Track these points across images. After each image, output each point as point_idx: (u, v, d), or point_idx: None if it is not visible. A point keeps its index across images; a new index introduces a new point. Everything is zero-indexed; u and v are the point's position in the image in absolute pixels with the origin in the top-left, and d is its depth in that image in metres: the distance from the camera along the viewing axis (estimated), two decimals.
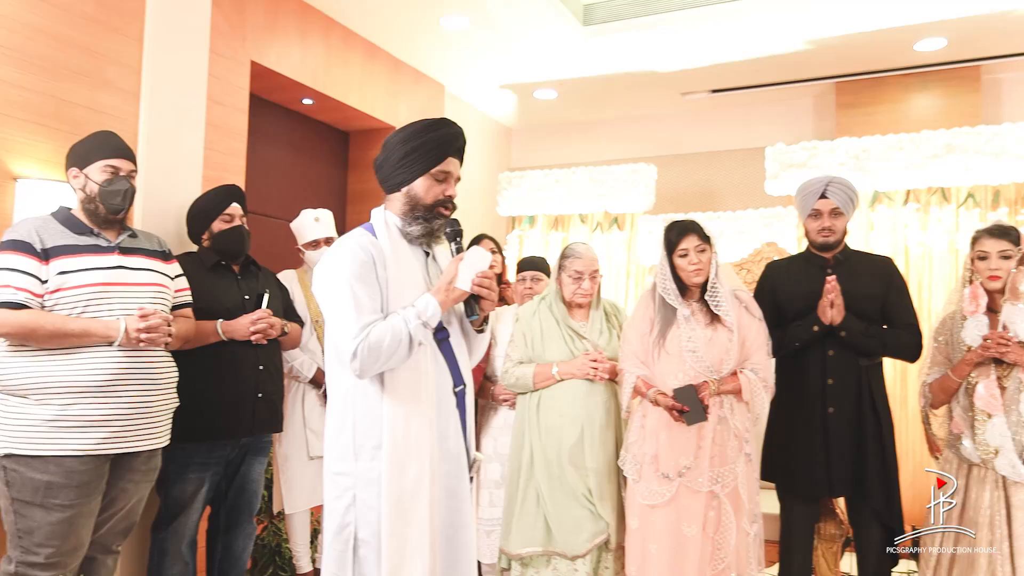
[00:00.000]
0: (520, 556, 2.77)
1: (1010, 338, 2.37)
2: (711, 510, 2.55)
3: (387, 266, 1.78)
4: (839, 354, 2.70)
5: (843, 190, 2.74)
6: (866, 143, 4.17)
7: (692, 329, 2.62)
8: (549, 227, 5.03)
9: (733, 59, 4.71)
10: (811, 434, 2.71)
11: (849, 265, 2.78)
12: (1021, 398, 2.36)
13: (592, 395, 2.77)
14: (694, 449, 2.56)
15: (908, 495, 3.74)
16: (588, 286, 2.87)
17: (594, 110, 5.69)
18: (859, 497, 2.70)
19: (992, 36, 4.31)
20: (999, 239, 2.45)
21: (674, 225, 2.70)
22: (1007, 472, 2.33)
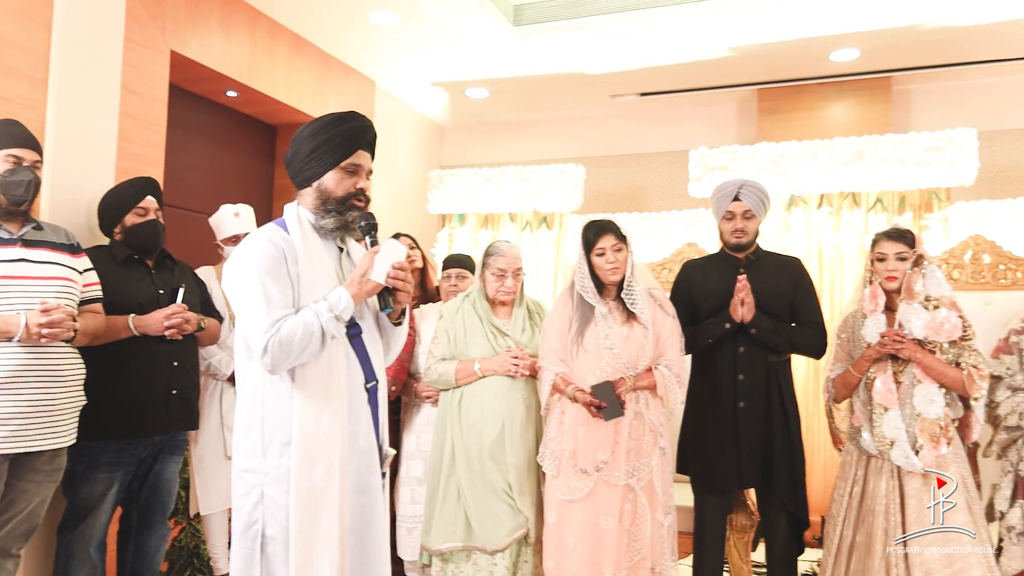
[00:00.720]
0: (440, 551, 2.79)
1: (905, 335, 2.49)
2: (627, 503, 2.60)
3: (298, 261, 1.77)
4: (749, 351, 2.79)
5: (755, 193, 2.84)
6: (783, 148, 4.32)
7: (609, 327, 2.67)
8: (479, 226, 5.05)
9: (661, 63, 4.82)
10: (722, 428, 2.80)
11: (760, 265, 2.88)
12: (915, 392, 2.49)
13: (513, 392, 2.80)
14: (611, 444, 2.61)
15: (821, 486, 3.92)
16: (511, 284, 2.90)
17: (526, 110, 5.74)
18: (767, 488, 2.81)
19: (902, 49, 4.52)
20: (896, 242, 2.57)
21: (591, 224, 2.75)
22: (901, 462, 2.46)
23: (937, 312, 2.50)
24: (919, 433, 2.45)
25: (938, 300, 2.52)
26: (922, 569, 2.40)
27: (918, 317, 2.51)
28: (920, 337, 2.50)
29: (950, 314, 2.49)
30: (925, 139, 4.07)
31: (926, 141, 4.05)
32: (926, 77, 4.92)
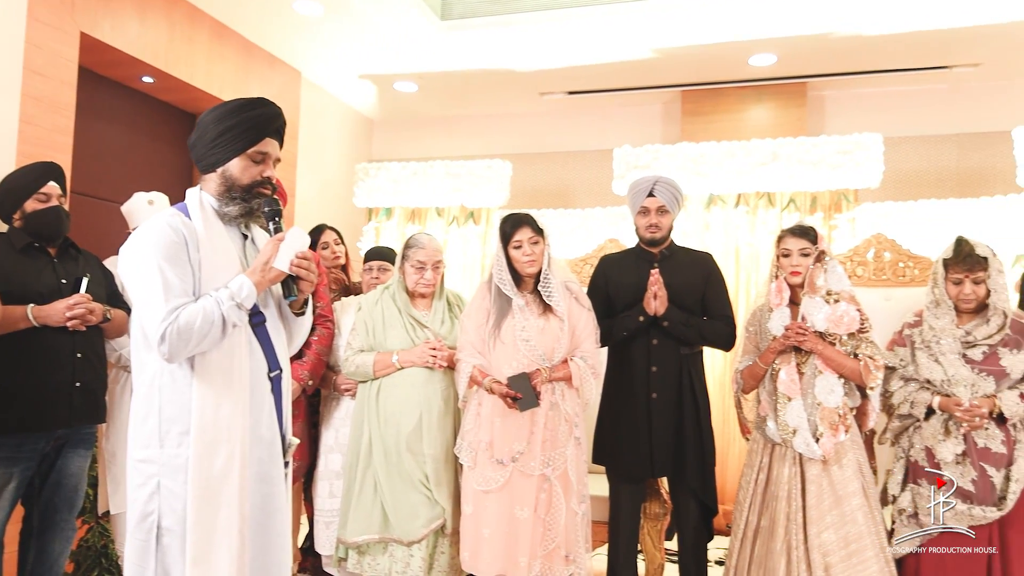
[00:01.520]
0: (357, 544, 2.78)
1: (807, 328, 2.60)
2: (542, 492, 2.64)
3: (200, 247, 1.74)
4: (662, 343, 2.87)
5: (669, 189, 2.91)
6: (703, 149, 4.44)
7: (526, 319, 2.71)
8: (406, 220, 5.03)
9: (589, 62, 4.89)
10: (636, 419, 2.87)
11: (674, 260, 2.96)
12: (816, 382, 2.60)
13: (431, 383, 2.81)
14: (527, 435, 2.65)
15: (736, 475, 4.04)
16: (431, 276, 2.90)
17: (455, 105, 5.74)
18: (679, 476, 2.89)
19: (816, 55, 4.70)
20: (800, 238, 2.68)
21: (509, 218, 2.78)
22: (803, 450, 2.56)
23: (837, 306, 2.61)
24: (819, 421, 2.56)
25: (838, 294, 2.64)
26: (820, 551, 2.51)
27: (820, 310, 2.61)
28: (821, 330, 2.60)
29: (849, 307, 2.61)
30: (835, 143, 4.24)
31: (836, 145, 4.23)
32: (838, 84, 5.14)
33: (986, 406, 2.47)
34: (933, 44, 4.49)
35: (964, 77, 4.90)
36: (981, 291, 2.57)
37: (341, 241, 3.65)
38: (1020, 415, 2.47)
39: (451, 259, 4.92)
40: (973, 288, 2.57)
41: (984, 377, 2.51)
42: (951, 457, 2.50)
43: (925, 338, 2.63)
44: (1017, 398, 2.47)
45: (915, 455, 2.60)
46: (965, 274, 2.57)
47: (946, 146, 5.04)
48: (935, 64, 4.75)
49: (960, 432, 2.50)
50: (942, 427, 2.54)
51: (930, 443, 2.55)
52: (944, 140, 5.04)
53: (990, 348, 2.54)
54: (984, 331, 2.55)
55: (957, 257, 2.60)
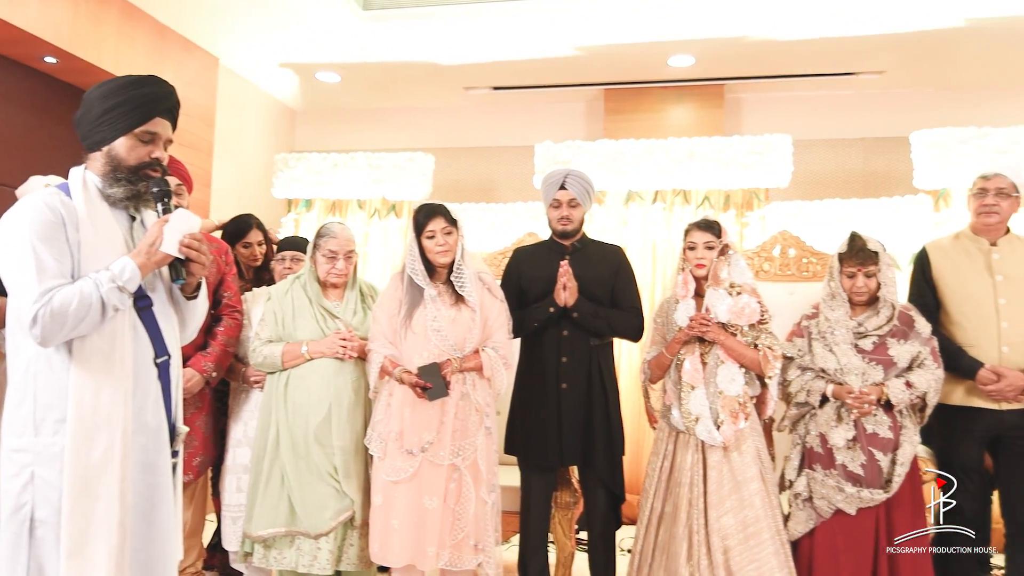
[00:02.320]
0: (262, 538, 2.72)
1: (710, 319, 2.68)
2: (452, 482, 2.64)
3: (79, 228, 1.66)
4: (572, 334, 2.90)
5: (580, 182, 2.95)
6: (623, 146, 4.52)
7: (438, 309, 2.70)
8: (326, 212, 4.96)
9: (513, 58, 4.91)
10: (546, 408, 2.90)
11: (585, 252, 3.00)
12: (718, 372, 2.68)
13: (341, 374, 2.78)
14: (436, 425, 2.64)
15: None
16: (343, 266, 2.87)
17: (379, 98, 5.68)
18: (588, 465, 2.93)
19: (733, 58, 4.84)
20: (705, 231, 2.75)
21: (422, 208, 2.77)
22: (704, 437, 2.64)
23: (739, 298, 2.70)
24: (721, 409, 2.64)
25: (741, 287, 2.72)
26: (720, 535, 2.58)
27: (723, 302, 2.69)
28: (724, 321, 2.68)
29: (750, 300, 2.70)
30: (747, 143, 4.38)
31: (748, 145, 4.36)
32: (754, 87, 5.30)
33: (875, 393, 2.59)
34: (840, 51, 4.67)
35: (869, 84, 5.13)
36: (873, 284, 2.69)
37: (266, 242, 3.56)
38: (906, 402, 2.59)
39: (372, 252, 4.88)
40: (865, 281, 2.68)
41: (874, 366, 2.63)
42: (842, 442, 2.61)
43: (821, 329, 2.74)
44: (903, 386, 2.59)
45: (810, 441, 2.71)
46: (858, 268, 2.69)
47: (853, 149, 5.26)
48: (842, 71, 4.95)
49: (851, 418, 2.61)
50: (835, 414, 2.65)
51: (824, 429, 2.66)
52: (851, 143, 5.26)
53: (880, 338, 2.66)
54: (874, 322, 2.67)
55: (851, 251, 2.71)
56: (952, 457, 2.83)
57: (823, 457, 2.65)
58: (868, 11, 4.15)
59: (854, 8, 4.12)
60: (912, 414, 2.64)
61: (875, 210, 4.23)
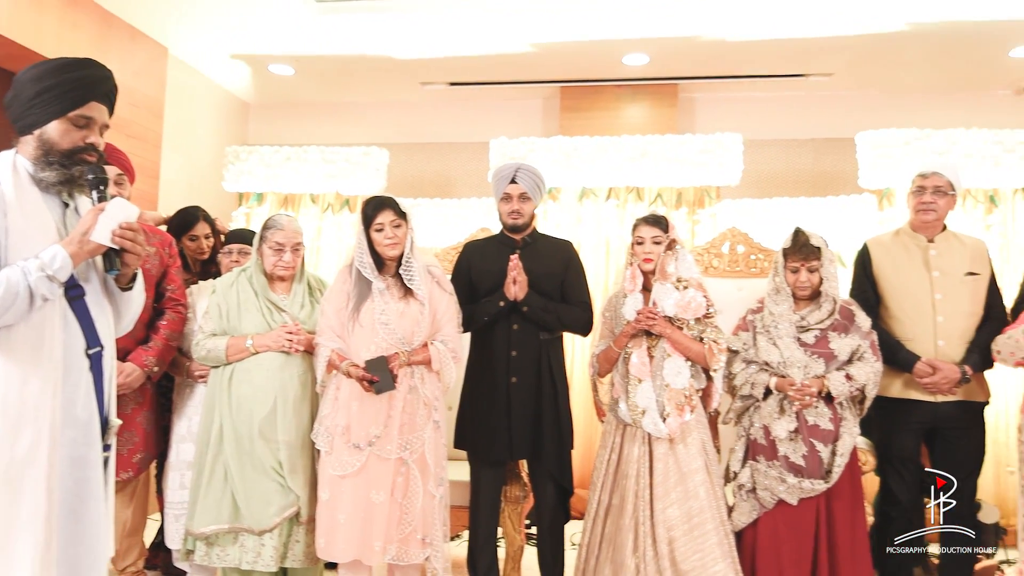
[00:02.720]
0: (205, 535, 2.67)
1: (657, 313, 2.70)
2: (399, 476, 2.63)
3: (7, 213, 1.61)
4: (522, 328, 2.91)
5: (531, 176, 2.96)
6: (577, 143, 4.54)
7: (386, 302, 2.69)
8: (278, 206, 4.89)
9: (470, 53, 4.89)
10: (496, 402, 2.90)
11: (535, 247, 3.01)
12: (664, 365, 2.71)
13: (288, 368, 2.74)
14: (384, 418, 2.63)
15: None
16: (289, 258, 2.83)
17: (334, 92, 5.62)
18: (537, 459, 2.94)
19: (686, 58, 4.89)
20: (652, 227, 2.78)
21: (371, 200, 2.76)
22: (651, 429, 2.66)
23: (686, 292, 2.73)
24: (667, 402, 2.67)
25: (687, 281, 2.76)
26: (665, 526, 2.61)
27: (669, 296, 2.73)
28: (671, 314, 2.71)
29: (696, 294, 2.73)
30: (699, 141, 4.43)
31: (700, 143, 4.42)
32: (707, 87, 5.37)
33: (816, 386, 2.64)
34: (791, 53, 4.76)
35: (818, 86, 5.23)
36: (815, 279, 2.74)
37: (214, 235, 3.50)
38: (845, 394, 2.65)
39: (325, 247, 4.83)
40: (808, 276, 2.74)
41: (815, 359, 2.68)
42: (785, 434, 2.66)
43: (765, 323, 2.78)
44: (843, 379, 2.65)
45: (754, 433, 2.75)
46: (801, 263, 2.74)
47: (803, 149, 5.37)
48: (793, 72, 5.04)
49: (793, 410, 2.66)
50: (777, 406, 2.69)
51: (767, 421, 2.71)
52: (801, 144, 5.37)
53: (821, 332, 2.72)
54: (816, 316, 2.73)
55: (794, 247, 2.77)
56: (890, 448, 2.90)
57: (766, 449, 2.70)
58: (817, 13, 4.23)
59: (804, 10, 4.19)
60: (852, 406, 2.71)
61: (822, 208, 4.32)
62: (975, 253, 2.90)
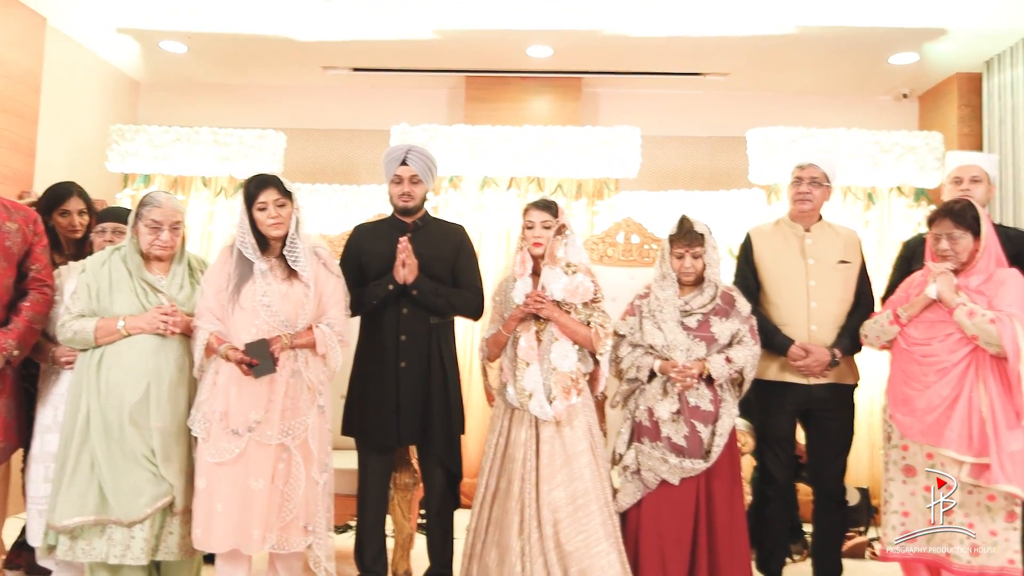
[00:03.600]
0: (68, 528, 2.52)
1: (545, 297, 2.72)
2: (280, 462, 2.56)
3: None
4: (412, 312, 2.87)
5: (422, 159, 2.93)
6: (479, 131, 4.53)
7: (268, 284, 2.60)
8: (167, 188, 4.67)
9: (373, 38, 4.80)
10: (384, 387, 2.86)
11: (427, 230, 2.98)
12: (552, 348, 2.72)
13: (163, 351, 2.62)
14: (265, 403, 2.55)
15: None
16: (167, 237, 2.70)
17: (231, 73, 5.42)
18: (426, 444, 2.91)
19: (589, 52, 4.95)
20: (542, 211, 2.79)
21: (254, 178, 2.67)
22: (537, 412, 2.67)
23: (575, 276, 2.75)
24: (554, 385, 2.69)
25: (576, 266, 2.78)
26: (550, 508, 2.63)
27: (558, 280, 2.74)
28: (559, 299, 2.73)
29: (584, 279, 2.76)
30: (599, 133, 4.50)
31: (600, 136, 4.49)
32: (610, 82, 5.45)
33: (696, 368, 2.71)
34: (689, 51, 4.88)
35: (716, 85, 5.40)
36: (699, 265, 2.81)
37: (89, 212, 3.29)
38: (725, 376, 2.73)
39: (218, 232, 4.65)
40: (692, 262, 2.81)
41: (697, 342, 2.76)
42: (667, 415, 2.72)
43: (651, 308, 2.84)
44: (723, 361, 2.73)
45: (639, 416, 2.80)
46: (686, 249, 2.81)
47: (700, 146, 5.53)
48: (691, 71, 5.18)
49: (675, 392, 2.72)
50: (661, 388, 2.75)
51: (651, 403, 2.76)
52: (699, 141, 5.52)
53: (704, 316, 2.79)
54: (699, 301, 2.80)
55: (679, 233, 2.83)
56: (767, 429, 3.01)
57: (650, 430, 2.75)
58: (713, 13, 4.35)
59: (701, 10, 4.31)
60: (731, 388, 2.79)
61: (715, 202, 4.46)
62: (847, 243, 3.04)
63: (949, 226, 2.61)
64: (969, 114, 5.01)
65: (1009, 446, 2.41)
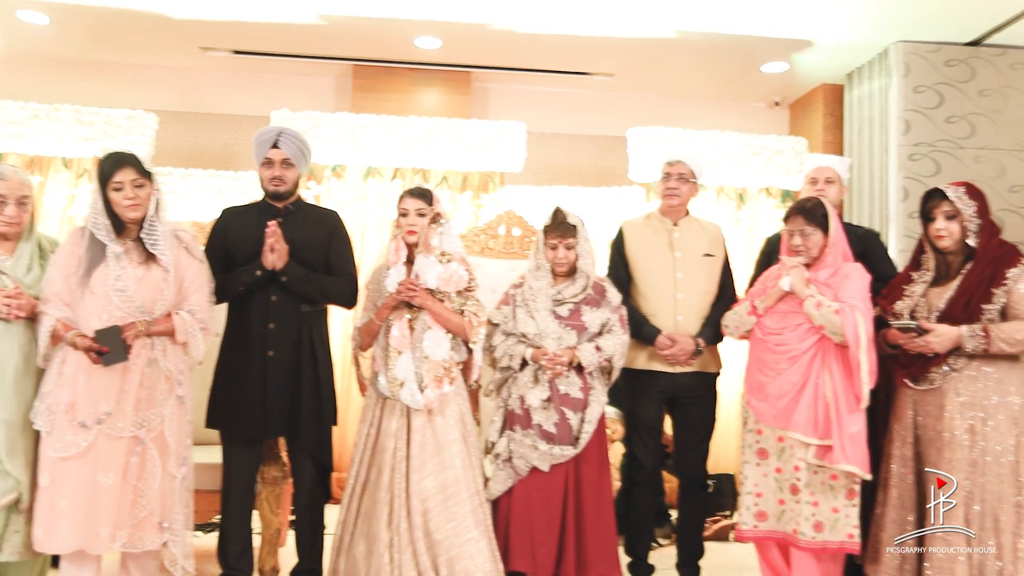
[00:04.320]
0: None
1: (418, 284, 2.70)
2: (134, 456, 2.44)
3: None
4: (281, 299, 2.79)
5: (294, 142, 2.85)
6: (363, 120, 4.46)
7: (123, 268, 2.48)
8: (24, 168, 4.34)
9: (255, 20, 4.63)
10: (251, 377, 2.77)
11: (299, 216, 2.90)
12: (424, 337, 2.71)
13: (7, 337, 2.47)
14: (116, 393, 2.43)
15: None
16: (13, 212, 2.55)
17: (100, 49, 5.09)
18: (295, 436, 2.83)
19: (478, 46, 4.95)
20: (417, 199, 2.78)
21: (110, 156, 2.54)
22: (408, 401, 2.65)
23: (449, 265, 2.75)
24: (426, 374, 2.67)
25: (451, 255, 2.78)
26: (420, 497, 2.62)
27: (432, 269, 2.73)
28: (433, 287, 2.72)
29: (459, 267, 2.76)
30: (485, 127, 4.52)
31: (485, 129, 4.51)
32: (500, 77, 5.47)
33: (567, 356, 2.76)
34: (576, 50, 4.97)
35: (602, 85, 5.51)
36: (572, 256, 2.87)
37: None
38: (595, 364, 2.79)
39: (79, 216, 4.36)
40: (565, 253, 2.86)
41: (568, 331, 2.81)
42: (538, 403, 2.76)
43: (525, 297, 2.87)
44: (593, 349, 2.79)
45: (512, 404, 2.82)
46: (559, 240, 2.85)
47: (587, 145, 5.63)
48: (578, 70, 5.27)
49: (546, 379, 2.77)
50: (532, 376, 2.79)
51: (523, 391, 2.79)
52: (585, 139, 5.63)
53: (575, 305, 2.84)
54: (571, 291, 2.85)
55: (553, 224, 2.88)
56: (636, 416, 3.10)
57: (522, 418, 2.78)
58: (598, 13, 4.44)
59: (586, 9, 4.39)
60: (601, 376, 2.85)
61: (597, 199, 4.57)
62: (712, 237, 3.18)
63: (801, 223, 2.76)
64: (833, 123, 5.34)
65: (849, 428, 2.57)
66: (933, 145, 4.63)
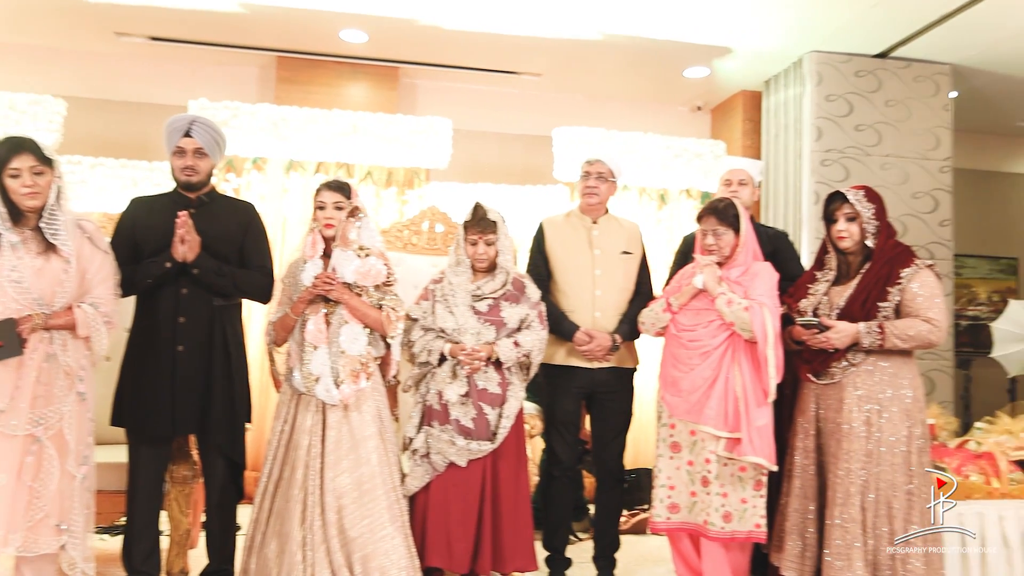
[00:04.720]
0: None
1: (335, 278, 2.66)
2: (29, 455, 2.33)
3: None
4: (192, 292, 2.71)
5: (207, 131, 2.78)
6: (285, 112, 4.37)
7: (19, 258, 2.36)
8: None
9: (174, 6, 4.48)
10: (159, 373, 2.68)
11: (213, 207, 2.83)
12: (341, 331, 2.67)
13: None
14: (11, 390, 2.32)
15: None
16: None
17: (4, 30, 4.85)
18: (205, 433, 2.76)
19: (405, 41, 4.92)
20: (335, 192, 2.74)
21: (6, 141, 2.42)
22: (323, 396, 2.61)
23: (367, 259, 2.73)
24: (342, 369, 2.64)
25: (369, 249, 2.75)
26: (335, 494, 2.58)
27: (350, 263, 2.70)
28: (350, 281, 2.69)
29: (377, 262, 2.74)
30: (410, 122, 4.50)
31: (411, 124, 4.49)
32: (428, 74, 5.45)
33: (485, 351, 2.77)
34: (504, 49, 4.99)
35: (530, 85, 5.55)
36: (492, 252, 2.88)
37: None
38: (513, 360, 2.81)
39: None
40: (485, 248, 2.86)
41: (487, 326, 2.82)
42: (456, 398, 2.76)
43: (444, 292, 2.87)
44: (511, 345, 2.81)
45: (430, 399, 2.82)
46: (479, 235, 2.86)
47: (515, 143, 5.66)
48: (506, 68, 5.29)
49: (464, 375, 2.77)
50: (450, 371, 2.79)
51: (441, 387, 2.79)
52: (513, 138, 5.65)
53: (494, 301, 2.85)
54: (491, 287, 2.86)
55: (473, 220, 2.88)
56: (554, 411, 3.13)
57: (440, 413, 2.78)
58: (525, 13, 4.47)
59: (513, 8, 4.41)
60: (519, 371, 2.88)
61: (522, 196, 4.60)
62: (630, 235, 3.24)
63: (714, 223, 2.84)
64: (751, 128, 5.52)
65: (757, 421, 2.66)
66: (843, 152, 4.84)
